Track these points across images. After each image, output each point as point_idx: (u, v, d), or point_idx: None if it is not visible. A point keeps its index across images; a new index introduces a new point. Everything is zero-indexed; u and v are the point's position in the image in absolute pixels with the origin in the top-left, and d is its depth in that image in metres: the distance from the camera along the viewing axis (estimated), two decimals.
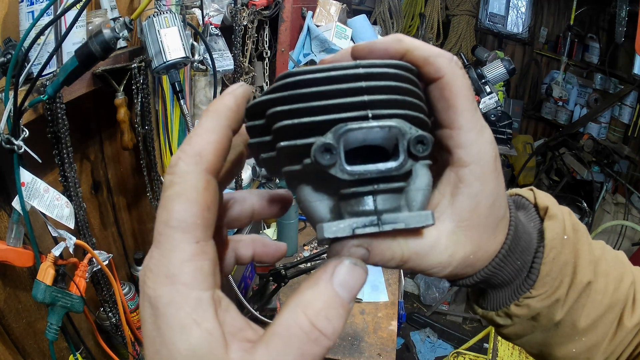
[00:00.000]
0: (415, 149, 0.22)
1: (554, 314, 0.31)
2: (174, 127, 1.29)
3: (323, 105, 0.22)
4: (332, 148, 0.21)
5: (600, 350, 0.32)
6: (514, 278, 0.31)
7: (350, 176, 0.22)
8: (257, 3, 1.60)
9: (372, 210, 0.23)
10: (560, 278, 0.30)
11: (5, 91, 0.71)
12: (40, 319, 0.94)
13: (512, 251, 0.29)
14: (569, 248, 0.31)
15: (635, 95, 3.56)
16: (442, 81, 0.25)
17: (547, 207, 0.32)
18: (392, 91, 0.23)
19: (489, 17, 4.18)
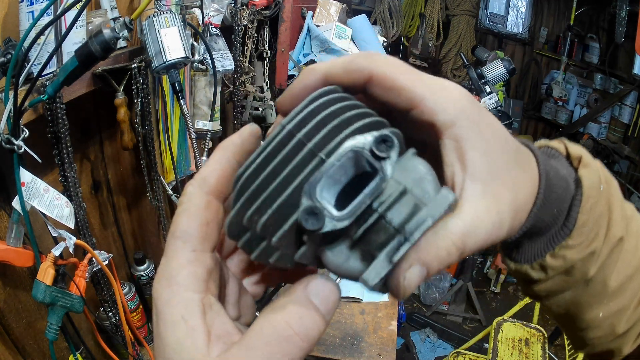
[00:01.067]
0: (381, 152, 0.21)
1: (588, 269, 0.30)
2: (174, 127, 1.29)
3: (282, 182, 0.21)
4: (314, 209, 0.20)
5: (625, 316, 0.32)
6: (550, 226, 0.30)
7: (349, 219, 0.21)
8: (257, 3, 1.60)
9: (392, 231, 0.21)
10: (596, 230, 0.30)
11: (5, 91, 0.71)
12: (40, 319, 0.94)
13: (549, 194, 0.28)
14: (604, 199, 0.30)
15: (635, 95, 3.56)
16: (372, 78, 0.25)
17: (581, 156, 0.31)
18: (325, 124, 0.22)
19: (489, 17, 4.18)
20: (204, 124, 1.37)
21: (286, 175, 0.22)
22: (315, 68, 0.26)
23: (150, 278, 1.32)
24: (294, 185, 0.21)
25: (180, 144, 1.34)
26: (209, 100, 1.37)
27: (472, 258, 3.10)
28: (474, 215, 0.23)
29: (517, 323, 2.12)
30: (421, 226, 0.21)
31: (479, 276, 3.54)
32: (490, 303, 3.38)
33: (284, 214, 0.21)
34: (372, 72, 0.24)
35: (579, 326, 0.34)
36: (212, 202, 0.25)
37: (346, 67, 0.25)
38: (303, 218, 0.20)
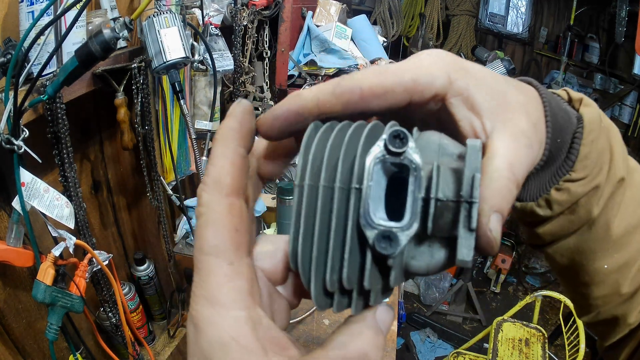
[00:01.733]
0: (399, 147, 0.21)
1: (592, 206, 0.31)
2: (174, 127, 1.29)
3: (337, 233, 0.22)
4: (383, 234, 0.20)
5: (630, 272, 0.32)
6: (554, 159, 0.30)
7: (416, 221, 0.21)
8: (257, 3, 1.60)
9: (454, 205, 0.21)
10: (599, 165, 0.30)
11: (5, 91, 0.71)
12: (40, 319, 0.94)
13: (554, 121, 0.28)
14: (605, 136, 0.31)
15: (635, 95, 3.56)
16: (364, 93, 0.24)
17: (582, 98, 0.32)
18: (336, 158, 0.22)
19: (489, 17, 4.18)
20: (204, 124, 1.37)
21: (336, 225, 0.21)
22: (302, 94, 0.25)
23: (150, 278, 1.32)
24: (350, 229, 0.21)
25: (180, 144, 1.34)
26: (209, 100, 1.38)
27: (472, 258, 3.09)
28: (506, 145, 0.24)
29: (517, 323, 2.12)
30: (474, 183, 0.21)
31: (479, 276, 3.54)
32: (490, 303, 3.38)
33: (357, 258, 0.21)
34: (361, 87, 0.24)
35: (582, 280, 0.34)
36: (235, 204, 0.23)
37: (335, 91, 0.24)
38: (380, 248, 0.20)
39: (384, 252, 0.20)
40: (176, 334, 1.43)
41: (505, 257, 3.25)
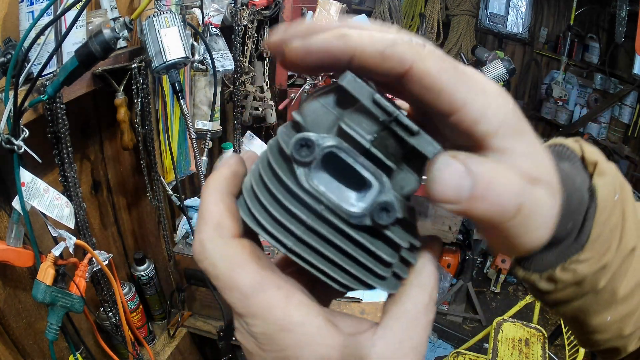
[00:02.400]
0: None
1: (599, 281, 0.29)
2: (174, 127, 1.29)
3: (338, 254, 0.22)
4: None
5: (632, 319, 0.31)
6: (563, 238, 0.28)
7: (311, 189, 0.21)
8: (257, 3, 1.60)
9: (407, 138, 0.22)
10: (608, 242, 0.28)
11: (5, 91, 0.71)
12: (40, 319, 0.94)
13: (566, 207, 0.26)
14: (619, 209, 0.29)
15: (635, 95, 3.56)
16: (412, 72, 0.21)
17: (597, 161, 0.29)
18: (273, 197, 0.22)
19: (489, 17, 4.17)
20: (204, 124, 1.37)
21: (343, 243, 0.22)
22: (349, 35, 0.21)
23: (150, 278, 1.32)
24: (353, 234, 0.21)
25: (180, 144, 1.34)
26: (209, 100, 1.37)
27: (472, 258, 3.10)
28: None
29: (517, 323, 2.12)
30: (382, 105, 0.21)
31: (479, 276, 3.54)
32: (490, 303, 3.38)
33: (376, 244, 0.22)
34: (413, 66, 0.20)
35: (586, 330, 0.33)
36: (245, 244, 0.23)
37: (385, 52, 0.20)
38: (385, 220, 0.21)
39: (392, 219, 0.21)
40: (176, 333, 1.43)
41: (505, 257, 3.25)
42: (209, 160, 1.49)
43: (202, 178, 1.14)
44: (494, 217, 0.20)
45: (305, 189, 0.21)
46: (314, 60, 0.22)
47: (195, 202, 1.44)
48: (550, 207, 0.22)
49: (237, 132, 1.64)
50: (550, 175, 0.22)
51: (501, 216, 0.20)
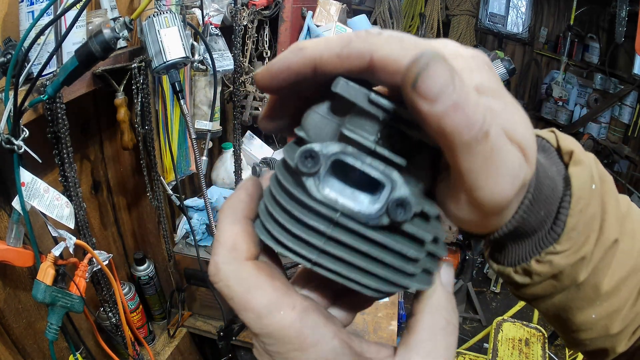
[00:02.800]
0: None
1: (578, 274, 0.28)
2: (174, 127, 1.29)
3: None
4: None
5: (620, 316, 0.30)
6: (536, 230, 0.27)
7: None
8: (257, 3, 1.60)
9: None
10: (586, 233, 0.27)
11: (5, 91, 0.71)
12: (40, 319, 0.94)
13: (537, 195, 0.26)
14: (596, 199, 0.28)
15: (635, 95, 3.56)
16: (374, 63, 0.21)
17: (572, 151, 0.28)
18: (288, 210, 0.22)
19: (489, 17, 4.18)
20: (204, 124, 1.37)
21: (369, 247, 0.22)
22: (305, 48, 0.22)
23: (150, 278, 1.32)
24: (374, 235, 0.21)
25: (180, 144, 1.34)
26: (209, 100, 1.37)
27: (472, 258, 3.10)
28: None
29: (517, 323, 2.12)
30: (378, 101, 0.21)
31: (479, 276, 3.54)
32: (490, 303, 3.38)
33: (401, 245, 0.22)
34: (373, 57, 0.20)
35: (570, 328, 0.32)
36: (260, 265, 0.23)
37: (341, 52, 0.21)
38: (403, 216, 0.20)
39: (410, 214, 0.20)
40: (176, 333, 1.43)
41: None
42: (209, 160, 1.49)
43: (202, 178, 1.14)
44: (463, 135, 0.19)
45: (317, 199, 0.21)
46: (281, 81, 0.22)
47: (195, 202, 1.44)
48: (518, 164, 0.21)
49: (237, 132, 1.64)
50: (525, 138, 0.22)
51: (469, 135, 0.19)
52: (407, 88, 0.18)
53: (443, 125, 0.18)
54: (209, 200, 1.15)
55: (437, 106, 0.18)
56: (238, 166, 1.68)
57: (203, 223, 1.40)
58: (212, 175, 1.73)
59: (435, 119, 0.18)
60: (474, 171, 0.20)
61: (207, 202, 1.13)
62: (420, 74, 0.18)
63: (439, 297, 0.24)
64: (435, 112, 0.18)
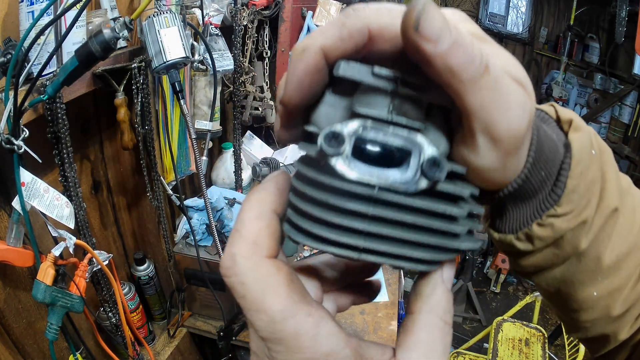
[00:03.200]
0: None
1: (579, 241, 0.28)
2: (174, 127, 1.29)
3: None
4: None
5: (621, 296, 0.30)
6: (537, 191, 0.28)
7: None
8: (257, 3, 1.60)
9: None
10: (587, 197, 0.28)
11: (5, 91, 0.71)
12: (40, 319, 0.94)
13: (539, 155, 0.26)
14: (596, 165, 0.28)
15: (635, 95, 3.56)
16: (373, 36, 0.21)
17: (572, 119, 0.29)
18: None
19: (489, 17, 4.18)
20: (204, 124, 1.37)
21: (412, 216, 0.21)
22: (308, 46, 0.21)
23: (150, 278, 1.32)
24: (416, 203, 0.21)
25: (180, 144, 1.34)
26: (209, 100, 1.37)
27: (472, 258, 3.10)
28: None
29: (517, 323, 2.12)
30: (381, 74, 0.21)
31: (479, 276, 3.54)
32: (490, 303, 3.38)
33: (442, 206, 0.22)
34: (370, 29, 0.21)
35: (571, 307, 0.32)
36: (280, 266, 0.22)
37: (341, 35, 0.21)
38: (439, 176, 0.20)
39: (445, 169, 0.20)
40: (176, 333, 1.43)
41: (505, 257, 3.24)
42: (209, 160, 1.49)
43: (202, 178, 1.14)
44: (468, 69, 0.19)
45: (351, 180, 0.20)
46: (307, 89, 0.22)
47: (195, 202, 1.44)
48: (522, 96, 0.21)
49: (237, 132, 1.64)
50: (521, 74, 0.22)
51: (472, 68, 0.20)
52: (410, 33, 0.19)
53: (449, 64, 0.19)
54: (209, 200, 1.15)
55: (440, 45, 0.19)
56: (238, 166, 1.68)
57: (203, 223, 1.40)
58: (212, 175, 1.73)
59: (441, 59, 0.19)
60: (485, 106, 0.20)
61: (207, 202, 1.13)
62: (420, 17, 0.19)
63: (439, 297, 0.23)
64: (440, 52, 0.19)
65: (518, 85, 0.22)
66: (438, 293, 0.23)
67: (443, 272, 0.23)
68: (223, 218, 1.42)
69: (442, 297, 0.23)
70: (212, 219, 1.16)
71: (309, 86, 0.22)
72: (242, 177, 1.71)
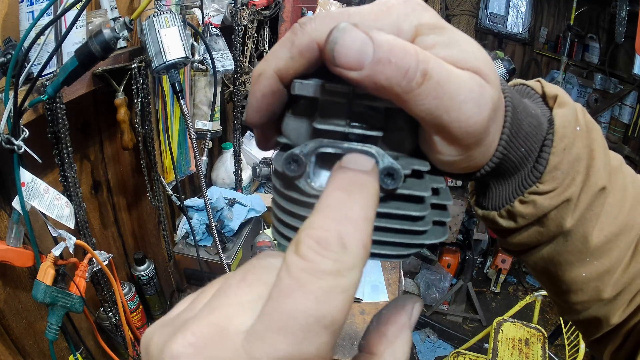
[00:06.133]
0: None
1: (564, 219, 0.27)
2: (174, 127, 1.29)
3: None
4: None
5: (612, 279, 0.29)
6: (518, 167, 0.27)
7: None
8: (257, 3, 1.60)
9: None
10: (572, 175, 0.27)
11: (5, 91, 0.71)
12: (40, 319, 0.94)
13: (516, 130, 0.25)
14: (582, 142, 0.27)
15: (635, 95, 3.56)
16: (323, 50, 0.20)
17: (557, 95, 0.28)
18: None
19: (489, 17, 4.18)
20: (204, 124, 1.37)
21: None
22: (263, 71, 0.22)
23: (150, 278, 1.32)
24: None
25: (180, 144, 1.34)
26: (209, 100, 1.37)
27: (472, 258, 3.10)
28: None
29: (517, 323, 2.12)
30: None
31: (479, 276, 3.54)
32: (490, 303, 3.38)
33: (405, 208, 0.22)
34: (318, 43, 0.21)
35: (560, 288, 0.31)
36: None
37: (292, 55, 0.21)
38: (392, 185, 0.21)
39: (400, 179, 0.21)
40: None
41: (505, 257, 3.24)
42: (209, 160, 1.49)
43: (202, 178, 1.14)
44: (401, 83, 0.19)
45: (312, 194, 0.22)
46: (267, 109, 0.23)
47: (195, 202, 1.44)
48: (478, 87, 0.21)
49: (237, 132, 1.64)
50: (478, 61, 0.21)
51: (407, 80, 0.19)
52: (332, 68, 0.19)
53: (379, 84, 0.19)
54: (209, 200, 1.15)
55: (364, 70, 0.18)
56: (238, 166, 1.68)
57: (203, 223, 1.40)
58: (212, 175, 1.73)
59: (370, 82, 0.19)
60: (433, 111, 0.20)
61: (207, 202, 1.13)
62: (333, 50, 0.18)
63: (404, 342, 0.20)
64: (365, 76, 0.19)
65: (471, 75, 0.21)
66: (403, 337, 0.21)
67: (412, 313, 0.21)
68: (223, 218, 1.42)
69: (406, 341, 0.21)
70: (212, 219, 1.16)
71: (266, 108, 0.23)
72: (242, 177, 1.71)
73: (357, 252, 0.16)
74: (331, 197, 0.17)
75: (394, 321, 0.21)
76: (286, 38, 0.22)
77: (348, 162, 0.19)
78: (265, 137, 0.26)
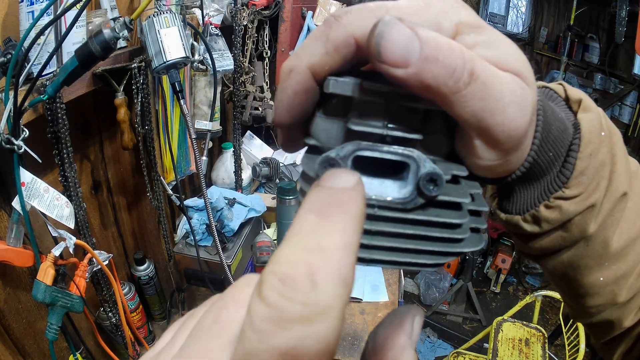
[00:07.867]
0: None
1: (587, 225, 0.27)
2: (174, 127, 1.29)
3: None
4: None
5: (627, 283, 0.29)
6: (545, 172, 0.27)
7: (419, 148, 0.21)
8: (257, 3, 1.60)
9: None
10: (597, 180, 0.27)
11: (5, 91, 0.71)
12: (40, 319, 0.94)
13: (546, 134, 0.25)
14: (606, 147, 0.27)
15: (635, 95, 3.56)
16: (360, 45, 0.20)
17: (581, 99, 0.28)
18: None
19: (489, 17, 4.18)
20: (204, 124, 1.37)
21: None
22: (295, 66, 0.21)
23: (150, 278, 1.32)
24: (415, 216, 0.21)
25: (180, 144, 1.34)
26: (209, 100, 1.38)
27: (472, 258, 3.10)
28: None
29: (517, 323, 2.12)
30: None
31: (479, 276, 3.54)
32: (490, 303, 3.38)
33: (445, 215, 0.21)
34: (355, 38, 0.20)
35: (577, 292, 0.31)
36: None
37: (327, 50, 0.20)
38: (437, 192, 0.20)
39: (442, 185, 0.20)
40: None
41: (505, 257, 3.25)
42: (209, 160, 1.49)
43: (202, 178, 1.14)
44: (448, 83, 0.18)
45: None
46: (298, 108, 0.22)
47: (195, 202, 1.44)
48: (520, 89, 0.20)
49: (237, 132, 1.64)
50: (518, 63, 0.21)
51: (454, 80, 0.18)
52: (376, 64, 0.18)
53: (426, 83, 0.18)
54: (209, 200, 1.15)
55: (410, 68, 0.18)
56: (238, 166, 1.68)
57: (203, 223, 1.40)
58: (212, 175, 1.73)
59: (415, 81, 0.18)
60: (477, 114, 0.19)
61: (207, 202, 1.13)
62: (379, 44, 0.17)
63: None
64: (412, 74, 0.18)
65: (513, 77, 0.20)
66: (406, 356, 0.18)
67: (413, 329, 0.18)
68: (223, 218, 1.42)
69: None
70: (212, 219, 1.15)
71: (299, 106, 0.22)
72: (242, 177, 1.71)
73: (331, 290, 0.13)
74: (303, 222, 0.14)
75: (391, 345, 0.18)
76: (320, 32, 0.20)
77: (325, 179, 0.16)
78: (292, 137, 0.24)
